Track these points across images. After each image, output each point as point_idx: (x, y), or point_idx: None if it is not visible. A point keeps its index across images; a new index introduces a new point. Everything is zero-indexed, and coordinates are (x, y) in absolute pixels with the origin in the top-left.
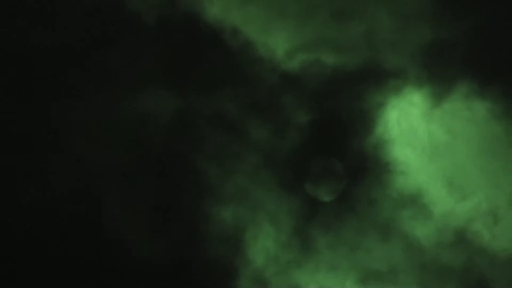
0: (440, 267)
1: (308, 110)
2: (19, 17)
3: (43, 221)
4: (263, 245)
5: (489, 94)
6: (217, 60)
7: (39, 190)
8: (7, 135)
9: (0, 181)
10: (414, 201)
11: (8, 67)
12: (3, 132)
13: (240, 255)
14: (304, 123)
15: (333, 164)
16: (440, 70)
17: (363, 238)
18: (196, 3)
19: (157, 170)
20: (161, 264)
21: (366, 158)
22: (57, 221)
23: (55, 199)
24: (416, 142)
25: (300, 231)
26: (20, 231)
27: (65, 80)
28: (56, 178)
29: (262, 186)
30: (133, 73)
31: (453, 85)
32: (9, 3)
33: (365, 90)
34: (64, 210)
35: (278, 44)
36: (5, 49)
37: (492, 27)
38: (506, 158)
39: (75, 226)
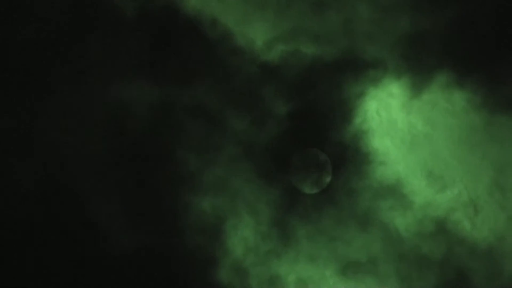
0: (419, 257)
1: (287, 100)
2: None
3: (22, 211)
4: (242, 235)
5: (468, 84)
6: (196, 51)
7: (17, 181)
8: None
9: None
10: (394, 192)
11: None
12: None
13: (220, 245)
14: (283, 114)
15: (317, 156)
16: (419, 61)
17: (343, 228)
18: None
19: (136, 161)
20: (141, 254)
21: (345, 148)
22: (35, 211)
23: (34, 190)
24: (396, 133)
25: (279, 221)
26: None
27: (44, 71)
28: (35, 168)
29: (241, 176)
30: (113, 64)
31: (432, 76)
32: None
33: (344, 80)
34: (42, 200)
35: (257, 35)
36: None
37: (470, 18)
38: (485, 149)
39: (53, 216)
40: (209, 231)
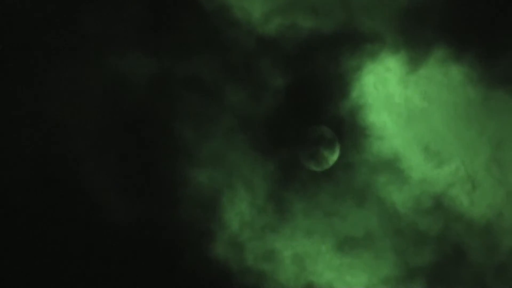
0: (416, 233)
1: (284, 73)
2: None
3: (19, 185)
4: (239, 210)
5: (466, 59)
6: (192, 23)
7: (15, 154)
8: None
9: None
10: (391, 167)
11: None
12: None
13: (216, 219)
14: (280, 87)
15: (325, 133)
16: (417, 35)
17: (339, 203)
18: None
19: (132, 132)
20: (136, 226)
21: (342, 122)
22: (33, 185)
23: (29, 160)
24: (393, 108)
25: (275, 195)
26: None
27: (39, 44)
28: (32, 141)
29: (237, 149)
30: (108, 35)
31: (429, 50)
32: None
33: (342, 54)
34: (39, 173)
35: (255, 7)
36: None
37: None
38: (482, 123)
39: (51, 190)
40: (205, 205)
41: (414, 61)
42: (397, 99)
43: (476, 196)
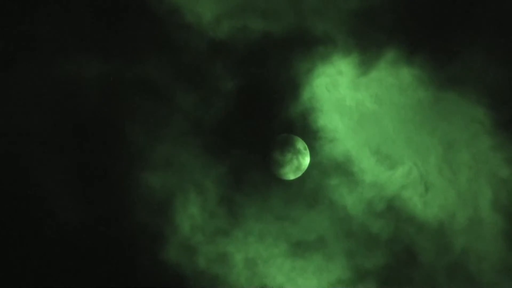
0: (368, 236)
1: (235, 76)
2: None
3: None
4: (190, 213)
5: (416, 61)
6: (143, 26)
7: None
8: None
9: None
10: (343, 169)
11: None
12: None
13: (168, 222)
14: (231, 90)
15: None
16: (368, 38)
17: (291, 207)
18: None
19: (83, 136)
20: (89, 229)
21: (294, 125)
22: None
23: None
24: (344, 110)
25: (227, 199)
26: None
27: None
28: None
29: (189, 153)
30: (58, 38)
31: (380, 53)
32: None
33: (293, 57)
34: None
35: (205, 10)
36: None
37: None
38: (433, 125)
39: (1, 191)
40: (157, 208)
41: (365, 64)
42: (349, 102)
43: (429, 197)
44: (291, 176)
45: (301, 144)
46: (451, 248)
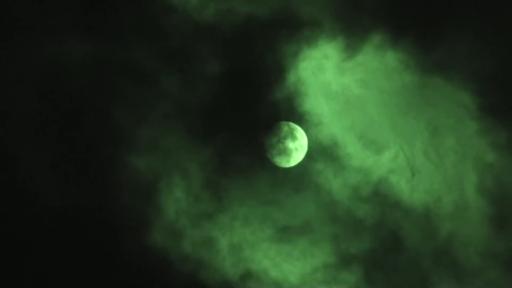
0: (355, 220)
1: (221, 59)
2: None
3: None
4: (176, 197)
5: (402, 45)
6: (129, 9)
7: None
8: None
9: None
10: (329, 154)
11: None
12: None
13: (153, 206)
14: (217, 73)
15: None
16: (354, 21)
17: (277, 191)
18: None
19: (68, 118)
20: (74, 213)
21: (279, 108)
22: None
23: None
24: (330, 94)
25: (212, 183)
26: None
27: None
28: None
29: (174, 136)
30: (44, 21)
31: (366, 37)
32: None
33: (279, 40)
34: None
35: None
36: None
37: None
38: (419, 109)
39: None
40: (142, 192)
41: (352, 48)
42: (334, 86)
43: (415, 182)
44: (283, 162)
45: (299, 134)
46: (437, 233)
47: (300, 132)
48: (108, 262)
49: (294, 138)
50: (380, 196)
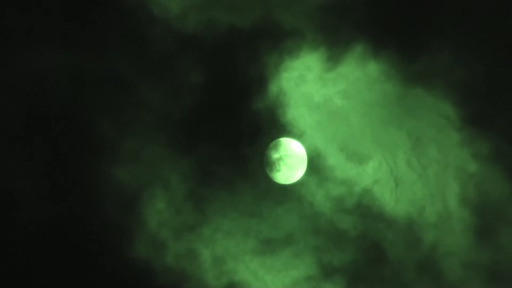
0: (337, 232)
1: (203, 70)
2: None
3: None
4: (158, 208)
5: (384, 56)
6: (110, 19)
7: None
8: None
9: None
10: (311, 165)
11: None
12: None
13: (136, 217)
14: (198, 83)
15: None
16: (336, 32)
17: (260, 203)
18: None
19: (50, 129)
20: (56, 224)
21: (261, 119)
22: None
23: None
24: (312, 105)
25: (195, 195)
26: None
27: None
28: None
29: (156, 147)
30: (25, 31)
31: (348, 47)
32: None
33: (261, 50)
34: None
35: (172, 3)
36: None
37: None
38: (401, 119)
39: None
40: (124, 203)
41: (333, 59)
42: (316, 97)
43: (398, 192)
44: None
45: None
46: (420, 244)
47: (284, 144)
48: (90, 273)
49: (277, 150)
50: (363, 207)
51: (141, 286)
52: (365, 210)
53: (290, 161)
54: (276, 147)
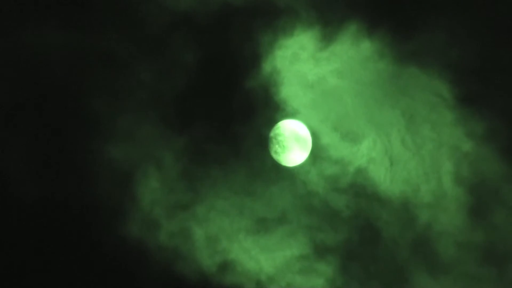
0: (331, 212)
1: (197, 48)
2: None
3: None
4: (151, 186)
5: (378, 34)
6: None
7: None
8: None
9: None
10: (305, 144)
11: None
12: None
13: (129, 196)
14: (192, 62)
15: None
16: (330, 10)
17: (253, 182)
18: None
19: (43, 108)
20: (48, 203)
21: (255, 98)
22: None
23: None
24: (306, 83)
25: (188, 173)
26: None
27: None
28: None
29: (150, 125)
30: (18, 10)
31: (341, 26)
32: None
33: (255, 28)
34: None
35: None
36: None
37: None
38: (395, 99)
39: None
40: (118, 181)
41: (327, 37)
42: (310, 75)
43: (393, 172)
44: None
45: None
46: (415, 223)
47: (280, 127)
48: (83, 251)
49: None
50: (357, 187)
51: (134, 265)
52: (359, 189)
53: (291, 143)
54: (278, 129)
